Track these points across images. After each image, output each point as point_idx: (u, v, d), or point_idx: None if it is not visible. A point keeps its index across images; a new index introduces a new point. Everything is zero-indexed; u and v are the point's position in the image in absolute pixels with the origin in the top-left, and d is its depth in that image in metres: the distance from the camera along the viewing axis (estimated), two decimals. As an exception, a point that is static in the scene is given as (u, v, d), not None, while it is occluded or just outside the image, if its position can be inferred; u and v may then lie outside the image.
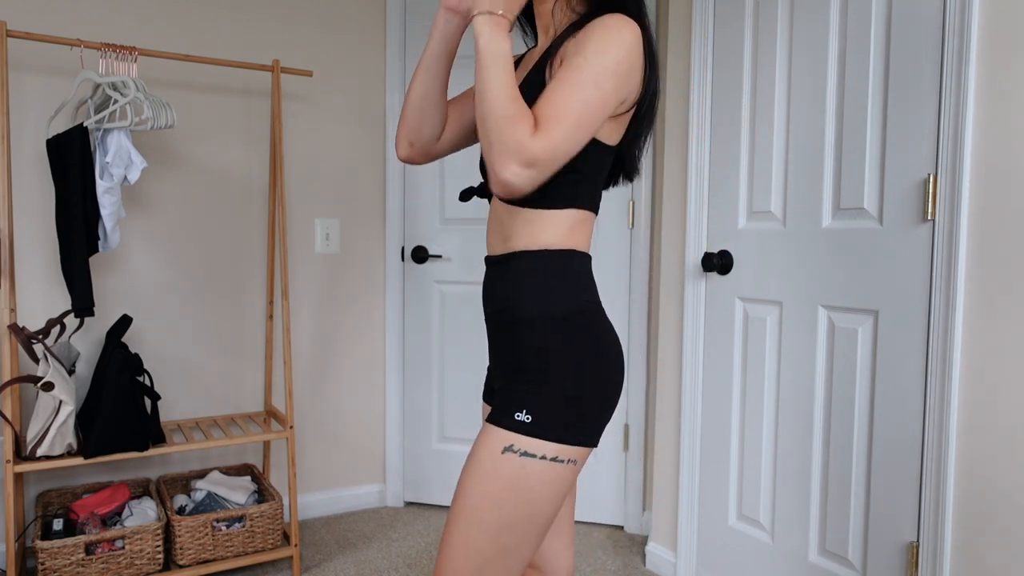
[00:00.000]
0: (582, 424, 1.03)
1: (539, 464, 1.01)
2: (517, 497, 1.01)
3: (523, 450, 1.01)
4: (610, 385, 1.06)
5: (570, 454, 1.03)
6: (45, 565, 1.92)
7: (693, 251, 2.18)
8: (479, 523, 1.02)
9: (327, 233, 2.74)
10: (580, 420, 1.03)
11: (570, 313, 1.05)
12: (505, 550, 1.03)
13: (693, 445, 2.20)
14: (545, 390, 1.03)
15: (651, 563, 2.37)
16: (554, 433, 1.01)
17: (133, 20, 2.35)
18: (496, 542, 1.02)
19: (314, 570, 2.33)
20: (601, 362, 1.05)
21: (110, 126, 1.97)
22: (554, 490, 1.03)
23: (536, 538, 1.05)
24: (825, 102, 1.82)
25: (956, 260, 1.54)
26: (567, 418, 1.02)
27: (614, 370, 1.07)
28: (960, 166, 1.53)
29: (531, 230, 1.07)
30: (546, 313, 1.06)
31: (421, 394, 2.86)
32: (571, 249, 1.08)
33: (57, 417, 1.93)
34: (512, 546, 1.03)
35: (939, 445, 1.58)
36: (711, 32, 2.12)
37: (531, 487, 1.01)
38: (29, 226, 2.24)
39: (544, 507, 1.03)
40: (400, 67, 2.79)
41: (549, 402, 1.02)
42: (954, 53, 1.54)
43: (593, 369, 1.05)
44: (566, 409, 1.02)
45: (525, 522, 1.02)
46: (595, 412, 1.04)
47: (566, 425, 1.02)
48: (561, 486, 1.03)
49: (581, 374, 1.04)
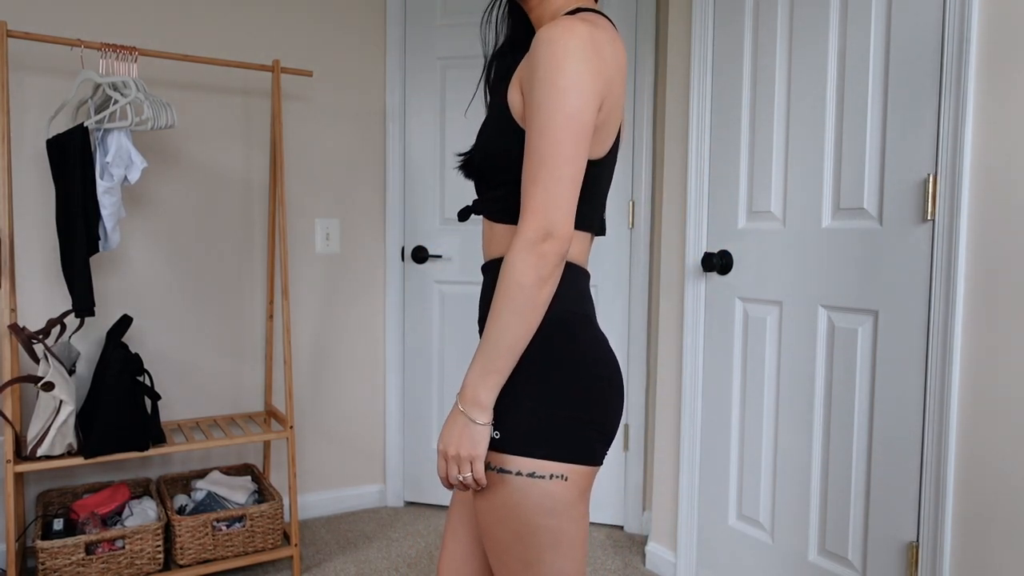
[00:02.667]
0: (554, 437, 0.97)
1: (517, 480, 0.97)
2: (509, 515, 0.98)
3: (498, 466, 0.98)
4: (587, 403, 0.98)
5: (551, 469, 0.96)
6: (45, 565, 1.92)
7: (693, 251, 2.18)
8: (497, 542, 1.01)
9: (327, 233, 2.74)
10: (551, 433, 0.97)
11: (553, 322, 0.99)
12: (532, 565, 1.01)
13: (693, 445, 2.20)
14: (510, 402, 0.98)
15: (651, 563, 2.37)
16: (522, 447, 0.96)
17: (133, 20, 2.35)
18: (522, 559, 1.01)
19: (314, 570, 2.33)
20: (577, 376, 0.98)
21: (110, 126, 1.97)
22: (545, 507, 0.97)
23: (565, 559, 1.00)
24: (825, 102, 1.82)
25: (956, 260, 1.54)
26: (534, 431, 0.97)
27: (596, 387, 0.99)
28: (960, 166, 1.53)
29: (509, 240, 1.05)
30: None
31: (421, 394, 2.86)
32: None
33: (57, 417, 1.93)
34: (536, 562, 1.00)
35: (939, 445, 1.58)
36: (711, 32, 2.12)
37: (517, 503, 0.97)
38: (29, 226, 2.24)
39: (544, 522, 0.98)
40: (400, 67, 2.79)
41: (516, 415, 0.97)
42: (954, 53, 1.54)
43: (565, 383, 0.98)
44: (530, 418, 0.97)
45: (534, 538, 0.99)
46: (568, 427, 0.97)
47: (533, 438, 0.97)
48: (552, 503, 0.97)
49: (548, 387, 0.98)
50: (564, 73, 0.91)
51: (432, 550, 2.49)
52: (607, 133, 1.01)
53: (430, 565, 2.38)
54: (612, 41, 0.97)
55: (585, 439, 0.99)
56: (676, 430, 2.28)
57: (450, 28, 2.73)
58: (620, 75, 0.99)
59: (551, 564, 1.00)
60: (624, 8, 2.55)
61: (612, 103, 0.99)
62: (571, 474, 0.98)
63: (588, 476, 1.00)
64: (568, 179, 0.91)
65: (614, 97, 0.99)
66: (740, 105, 2.04)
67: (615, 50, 0.98)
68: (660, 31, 2.53)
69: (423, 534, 2.63)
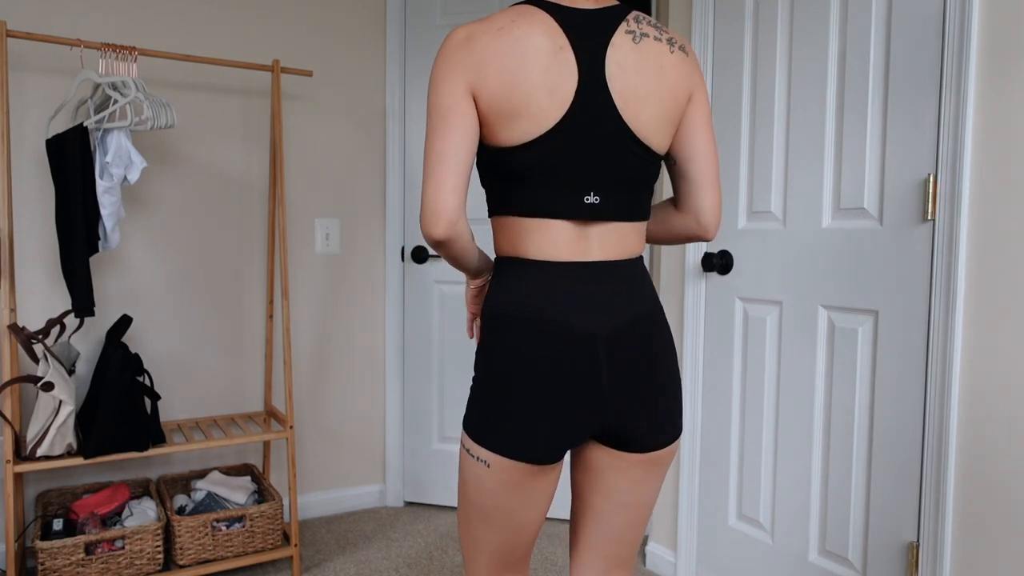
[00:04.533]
0: (477, 421, 1.07)
1: (463, 453, 1.11)
2: (459, 480, 1.15)
3: (461, 439, 1.14)
4: (486, 394, 1.06)
5: (477, 451, 1.07)
6: (45, 565, 1.92)
7: (693, 251, 2.18)
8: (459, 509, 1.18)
9: (327, 233, 2.74)
10: (474, 416, 1.08)
11: (484, 316, 1.11)
12: (470, 536, 1.16)
13: (693, 445, 2.20)
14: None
15: (651, 563, 2.37)
16: (465, 424, 1.10)
17: (133, 20, 2.35)
18: (464, 527, 1.17)
19: (314, 570, 2.33)
20: (487, 368, 1.07)
21: (110, 126, 1.97)
22: (475, 483, 1.09)
23: (488, 531, 1.13)
24: (825, 102, 1.82)
25: (956, 260, 1.54)
26: (470, 410, 1.09)
27: (494, 381, 1.05)
28: (960, 166, 1.53)
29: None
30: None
31: (421, 394, 2.86)
32: (508, 256, 1.10)
33: (57, 417, 1.93)
34: (472, 532, 1.15)
35: (939, 445, 1.58)
36: (711, 32, 2.12)
37: (461, 472, 1.13)
38: (29, 226, 2.24)
39: (473, 497, 1.10)
40: (400, 67, 2.79)
41: (470, 395, 1.12)
42: (954, 53, 1.54)
43: (478, 373, 1.09)
44: (470, 398, 1.10)
45: (467, 507, 1.14)
46: (482, 415, 1.07)
47: (468, 418, 1.09)
48: (478, 482, 1.09)
49: (476, 375, 1.10)
50: (432, 72, 1.05)
51: (432, 550, 2.49)
52: (519, 120, 1.02)
53: (430, 565, 2.38)
54: (503, 32, 1.01)
55: (502, 430, 1.05)
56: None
57: (450, 28, 2.73)
58: (508, 60, 1.00)
59: (480, 534, 1.15)
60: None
61: (498, 90, 1.01)
62: (489, 460, 1.07)
63: (507, 471, 1.06)
64: (433, 166, 1.02)
65: (499, 84, 1.01)
66: (740, 105, 2.04)
67: (502, 40, 1.01)
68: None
69: (423, 534, 2.63)
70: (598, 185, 1.06)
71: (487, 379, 1.06)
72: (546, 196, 1.06)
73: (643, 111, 1.06)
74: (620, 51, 1.05)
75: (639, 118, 1.06)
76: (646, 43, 1.06)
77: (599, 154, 1.05)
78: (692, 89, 1.11)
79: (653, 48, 1.07)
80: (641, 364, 1.09)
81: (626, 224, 1.10)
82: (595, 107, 1.03)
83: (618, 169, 1.07)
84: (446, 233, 1.03)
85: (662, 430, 1.13)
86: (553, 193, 1.05)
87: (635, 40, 1.06)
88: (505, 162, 1.05)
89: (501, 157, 1.05)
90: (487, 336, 1.08)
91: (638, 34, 1.06)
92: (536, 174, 1.04)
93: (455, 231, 1.04)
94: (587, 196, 1.06)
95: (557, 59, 1.01)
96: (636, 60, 1.05)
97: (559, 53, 1.01)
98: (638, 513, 1.19)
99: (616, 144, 1.05)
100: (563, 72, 1.01)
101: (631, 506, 1.18)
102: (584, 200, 1.06)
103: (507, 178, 1.07)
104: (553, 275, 1.06)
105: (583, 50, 1.03)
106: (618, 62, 1.04)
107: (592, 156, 1.05)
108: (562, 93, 1.02)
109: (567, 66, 1.02)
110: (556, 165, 1.04)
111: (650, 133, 1.07)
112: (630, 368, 1.08)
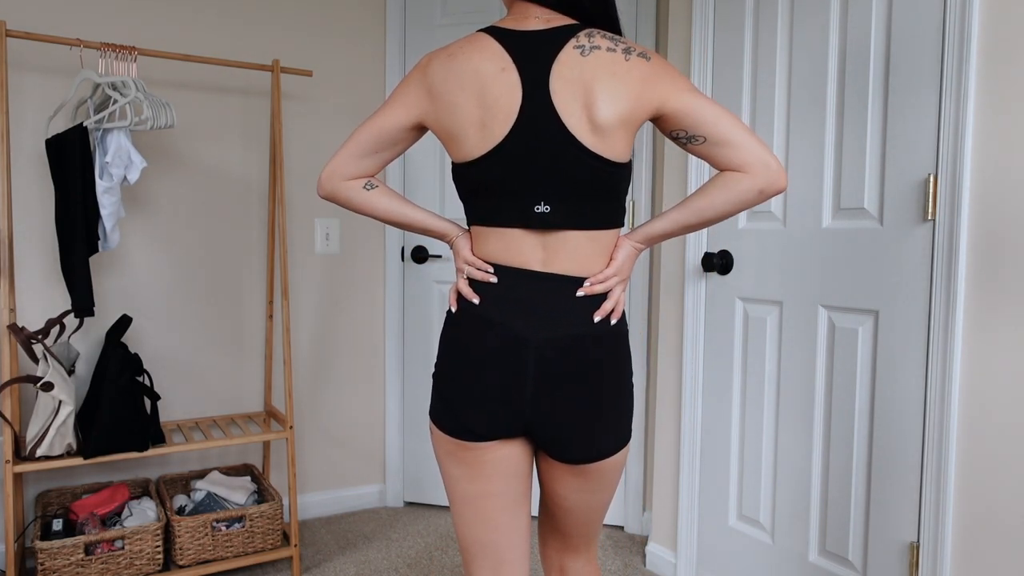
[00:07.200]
0: (432, 397, 1.21)
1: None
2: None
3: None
4: (435, 375, 1.21)
5: (431, 421, 1.22)
6: (45, 565, 1.92)
7: (693, 251, 2.18)
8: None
9: (327, 233, 2.74)
10: (433, 392, 1.21)
11: (448, 311, 1.23)
12: (457, 533, 1.26)
13: (693, 445, 2.20)
14: None
15: (651, 563, 2.37)
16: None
17: (133, 20, 2.35)
18: (454, 524, 1.26)
19: (314, 570, 2.33)
20: (438, 353, 1.21)
21: (110, 126, 1.97)
22: (435, 450, 1.23)
23: (461, 521, 1.23)
24: (825, 102, 1.82)
25: (956, 260, 1.54)
26: (433, 384, 1.22)
27: (440, 364, 1.20)
28: (960, 166, 1.53)
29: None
30: None
31: (421, 394, 2.86)
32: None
33: (57, 417, 1.93)
34: (456, 524, 1.25)
35: (939, 445, 1.58)
36: (711, 32, 2.12)
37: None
38: (29, 226, 2.24)
39: (440, 466, 1.24)
40: (400, 67, 2.79)
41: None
42: (954, 53, 1.54)
43: (438, 360, 1.22)
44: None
45: (446, 488, 1.25)
46: (433, 391, 1.21)
47: (433, 389, 1.22)
48: (435, 449, 1.23)
49: (437, 359, 1.23)
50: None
51: (432, 550, 2.49)
52: (464, 140, 1.11)
53: (430, 565, 2.38)
54: (451, 58, 1.11)
55: (437, 408, 1.19)
56: (676, 430, 2.28)
57: (450, 28, 2.73)
58: (450, 86, 1.10)
59: (458, 524, 1.25)
60: (624, 11, 2.55)
61: (443, 114, 1.11)
62: (433, 431, 1.21)
63: (444, 441, 1.19)
64: (344, 148, 1.19)
65: (443, 107, 1.11)
66: (740, 105, 2.04)
67: (448, 66, 1.11)
68: (660, 33, 2.53)
69: (423, 534, 2.63)
70: (547, 195, 1.10)
71: (437, 362, 1.21)
72: (499, 206, 1.13)
73: (590, 120, 1.07)
74: (566, 66, 1.07)
75: (585, 127, 1.07)
76: (596, 55, 1.08)
77: (546, 166, 1.09)
78: (659, 89, 1.09)
79: (604, 58, 1.07)
80: (575, 378, 1.12)
81: (582, 233, 1.13)
82: (540, 120, 1.07)
83: (567, 179, 1.09)
84: (325, 191, 1.22)
85: (592, 445, 1.15)
86: (505, 203, 1.12)
87: (583, 54, 1.08)
88: (463, 176, 1.14)
89: (459, 172, 1.15)
90: (444, 327, 1.21)
91: (587, 48, 1.08)
92: (487, 187, 1.12)
93: (332, 188, 1.21)
94: (537, 206, 1.11)
95: (499, 80, 1.08)
96: (582, 72, 1.07)
97: (501, 74, 1.08)
98: (585, 516, 1.26)
99: (563, 155, 1.08)
100: (506, 92, 1.07)
101: (572, 511, 1.25)
102: (535, 209, 1.11)
103: (468, 190, 1.15)
104: (503, 279, 1.14)
105: (527, 69, 1.08)
106: (562, 76, 1.07)
107: (539, 168, 1.09)
108: (506, 111, 1.08)
109: (511, 85, 1.07)
110: (504, 178, 1.10)
111: (598, 141, 1.08)
112: (562, 380, 1.11)
